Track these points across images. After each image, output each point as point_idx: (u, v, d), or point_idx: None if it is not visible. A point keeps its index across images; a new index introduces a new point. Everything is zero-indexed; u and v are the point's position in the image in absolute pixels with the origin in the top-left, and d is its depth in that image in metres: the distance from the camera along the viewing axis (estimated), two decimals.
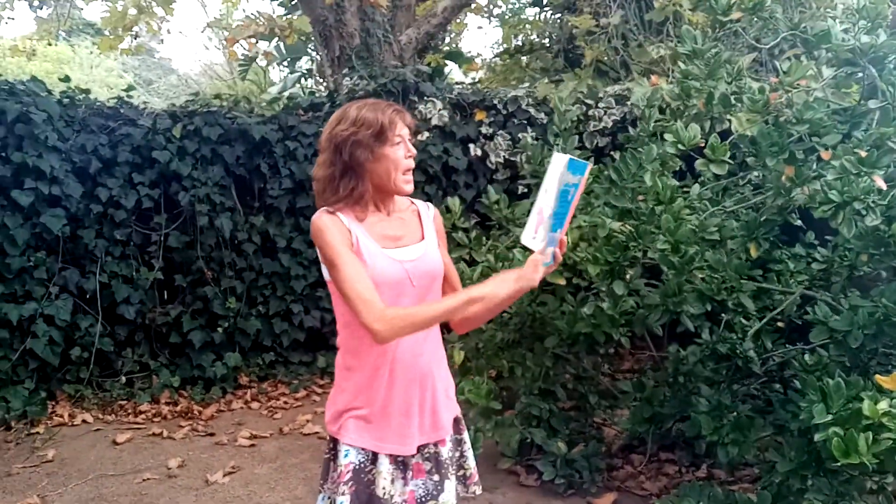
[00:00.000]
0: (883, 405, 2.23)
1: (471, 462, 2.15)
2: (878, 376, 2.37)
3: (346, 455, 1.94)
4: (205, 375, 5.45)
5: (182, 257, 5.55)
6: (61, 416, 4.92)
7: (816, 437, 2.36)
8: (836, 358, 2.76)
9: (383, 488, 1.92)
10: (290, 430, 4.74)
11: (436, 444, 2.01)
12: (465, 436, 2.15)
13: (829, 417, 2.34)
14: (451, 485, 2.02)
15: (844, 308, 2.79)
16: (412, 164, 1.94)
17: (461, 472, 2.12)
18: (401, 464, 1.98)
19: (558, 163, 1.85)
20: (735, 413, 3.09)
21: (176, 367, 5.51)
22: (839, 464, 2.26)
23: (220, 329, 5.51)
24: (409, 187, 1.94)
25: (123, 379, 5.36)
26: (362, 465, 1.94)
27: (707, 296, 3.05)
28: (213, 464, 4.19)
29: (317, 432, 4.66)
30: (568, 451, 3.66)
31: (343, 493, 1.89)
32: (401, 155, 1.90)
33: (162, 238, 5.46)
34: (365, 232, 1.91)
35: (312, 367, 5.90)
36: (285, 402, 5.32)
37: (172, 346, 5.56)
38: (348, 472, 1.92)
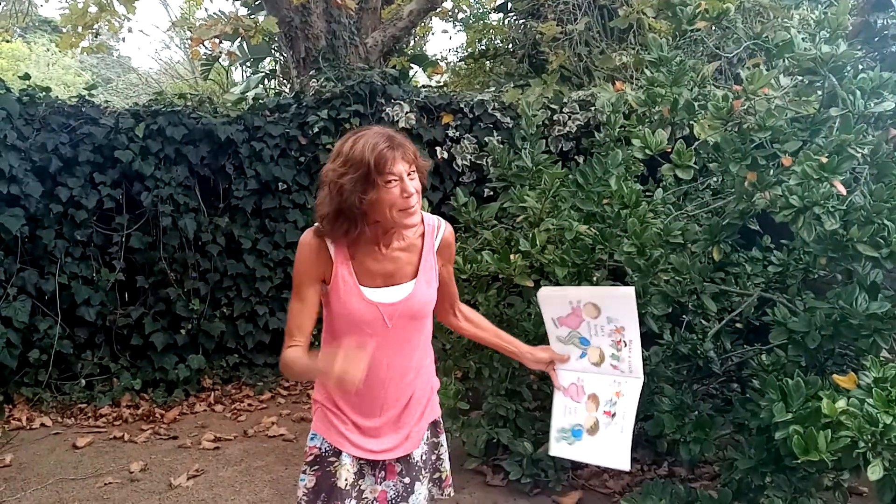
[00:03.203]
0: (841, 404, 2.30)
1: (446, 465, 2.15)
2: (835, 376, 2.46)
3: (312, 438, 2.00)
4: (167, 378, 5.38)
5: (144, 258, 5.48)
6: (19, 420, 4.82)
7: (777, 434, 2.43)
8: (794, 358, 2.84)
9: (346, 480, 1.93)
10: (254, 432, 4.70)
11: None
12: (443, 438, 2.16)
13: (790, 416, 2.42)
14: (421, 487, 2.03)
15: (801, 310, 2.88)
16: (411, 203, 1.78)
17: (436, 475, 2.13)
18: (371, 461, 1.99)
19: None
20: (696, 412, 3.16)
21: (137, 370, 5.43)
22: (798, 461, 2.33)
23: (182, 331, 5.45)
24: (412, 220, 1.82)
25: (83, 382, 5.27)
26: (326, 454, 1.96)
27: (671, 297, 3.11)
28: (177, 467, 4.14)
29: (282, 434, 4.63)
30: (534, 451, 3.70)
31: (307, 473, 1.96)
32: (395, 195, 1.76)
33: (123, 239, 5.39)
34: (349, 267, 1.86)
35: (277, 370, 5.86)
36: (250, 405, 5.28)
37: (134, 349, 5.48)
38: (311, 454, 1.97)
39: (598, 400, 2.11)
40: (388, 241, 1.89)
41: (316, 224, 1.87)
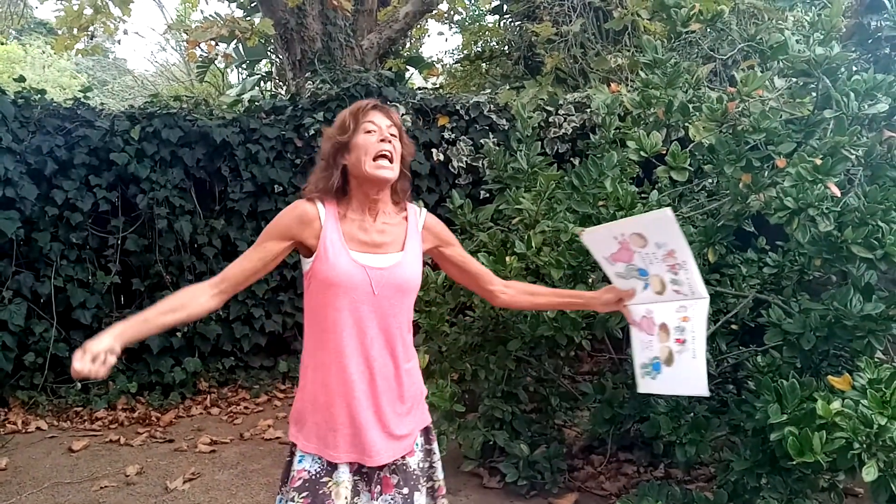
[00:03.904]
0: (836, 405, 2.31)
1: (440, 474, 2.09)
2: (830, 377, 2.47)
3: (300, 461, 1.90)
4: (163, 381, 5.38)
5: (140, 261, 5.47)
6: (14, 424, 4.81)
7: (772, 436, 2.44)
8: (789, 359, 2.85)
9: (345, 498, 1.85)
10: (251, 435, 4.70)
11: (403, 457, 1.96)
12: (435, 446, 2.10)
13: (785, 417, 2.42)
14: (420, 497, 1.96)
15: (796, 311, 2.89)
16: (384, 147, 1.85)
17: (430, 484, 2.06)
18: (365, 475, 1.92)
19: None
20: (692, 413, 3.17)
21: (133, 373, 5.42)
22: (793, 462, 2.34)
23: (178, 334, 5.45)
24: (383, 173, 1.85)
25: (79, 385, 5.27)
26: (317, 476, 1.87)
27: None
28: (173, 470, 4.14)
29: (278, 437, 4.63)
30: (530, 453, 3.70)
31: (294, 501, 1.84)
32: (371, 141, 1.86)
33: (119, 241, 5.38)
34: (339, 229, 1.88)
35: (274, 372, 5.86)
36: (246, 408, 5.27)
37: (130, 352, 5.46)
38: (300, 478, 1.87)
39: (667, 329, 2.08)
40: (375, 211, 1.93)
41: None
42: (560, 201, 3.62)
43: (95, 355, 1.62)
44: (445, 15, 10.34)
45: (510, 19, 9.41)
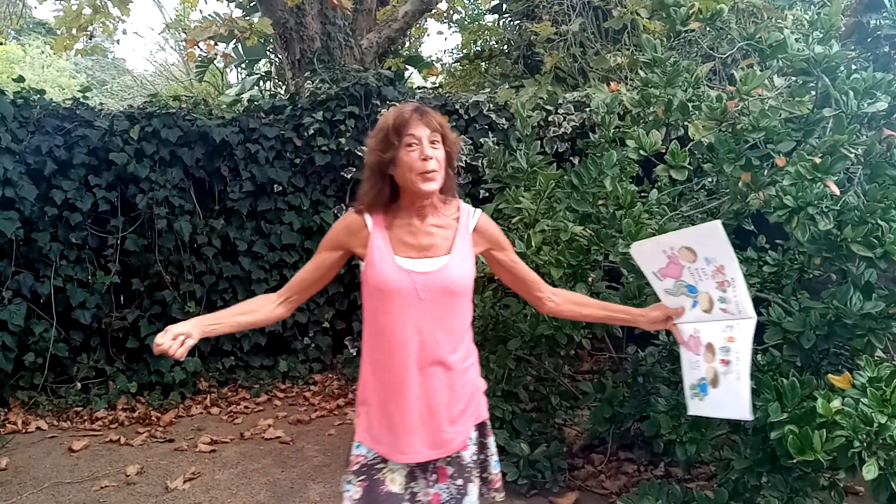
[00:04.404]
0: (836, 403, 2.31)
1: (494, 467, 2.14)
2: (830, 376, 2.47)
3: (357, 447, 2.01)
4: (163, 381, 5.37)
5: (140, 261, 5.47)
6: (14, 424, 4.81)
7: (773, 434, 2.44)
8: (789, 358, 2.84)
9: (400, 484, 1.95)
10: (251, 434, 4.70)
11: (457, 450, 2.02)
12: (490, 440, 2.14)
13: (785, 416, 2.42)
14: (474, 488, 2.04)
15: (796, 310, 2.89)
16: (428, 166, 1.88)
17: (484, 475, 2.12)
18: (421, 463, 1.99)
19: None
20: None
21: (133, 373, 5.42)
22: (794, 461, 2.34)
23: None
24: (429, 186, 1.89)
25: (79, 385, 5.27)
26: (373, 462, 1.97)
27: None
28: (173, 470, 4.14)
29: (279, 437, 4.63)
30: (530, 452, 3.71)
31: (353, 483, 1.96)
32: (414, 158, 1.87)
33: (119, 241, 5.38)
34: (386, 237, 1.95)
35: (274, 372, 5.86)
36: (246, 407, 5.27)
37: (129, 352, 5.47)
38: (357, 463, 1.98)
39: (713, 349, 2.05)
40: (423, 215, 1.97)
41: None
42: (559, 200, 3.62)
43: (175, 335, 1.83)
44: (445, 14, 10.33)
45: (509, 18, 9.41)
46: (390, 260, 1.92)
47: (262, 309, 2.06)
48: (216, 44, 8.24)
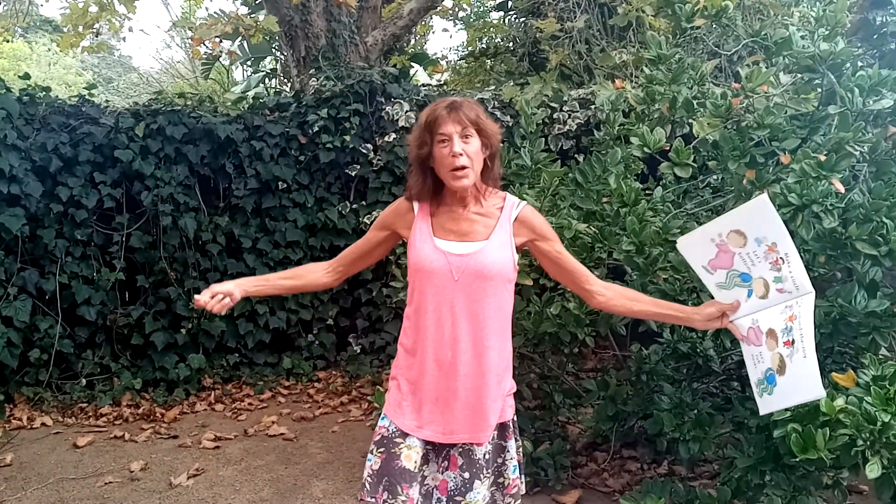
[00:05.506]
0: (839, 402, 2.31)
1: (513, 472, 2.11)
2: (834, 374, 2.46)
3: (382, 418, 2.08)
4: (167, 377, 5.39)
5: (144, 258, 5.48)
6: (20, 420, 4.83)
7: (776, 433, 2.43)
8: None
9: (415, 462, 1.99)
10: (255, 431, 4.71)
11: (471, 444, 2.04)
12: (511, 444, 2.11)
13: (788, 414, 2.41)
14: (480, 486, 2.03)
15: None
16: (457, 162, 1.93)
17: (500, 479, 2.10)
18: (436, 448, 2.04)
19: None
20: (696, 410, 3.16)
21: (138, 370, 5.44)
22: (797, 459, 2.34)
23: (183, 330, 5.46)
24: (459, 183, 1.95)
25: (84, 381, 5.28)
26: (392, 435, 2.01)
27: (670, 296, 3.11)
28: (177, 466, 4.15)
29: (282, 433, 4.64)
30: (534, 450, 3.70)
31: (374, 454, 2.03)
32: (444, 154, 1.94)
33: (124, 238, 5.40)
34: (429, 222, 2.05)
35: (278, 369, 5.87)
36: (250, 404, 5.28)
37: (134, 348, 5.49)
38: (379, 434, 2.04)
39: (775, 334, 1.98)
40: (465, 203, 2.03)
41: None
42: (564, 198, 3.61)
43: (215, 294, 1.96)
44: (450, 11, 10.32)
45: (515, 15, 9.38)
46: (430, 241, 2.00)
47: (309, 275, 2.18)
48: (221, 41, 8.26)
